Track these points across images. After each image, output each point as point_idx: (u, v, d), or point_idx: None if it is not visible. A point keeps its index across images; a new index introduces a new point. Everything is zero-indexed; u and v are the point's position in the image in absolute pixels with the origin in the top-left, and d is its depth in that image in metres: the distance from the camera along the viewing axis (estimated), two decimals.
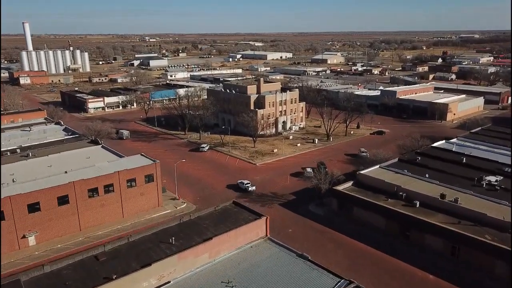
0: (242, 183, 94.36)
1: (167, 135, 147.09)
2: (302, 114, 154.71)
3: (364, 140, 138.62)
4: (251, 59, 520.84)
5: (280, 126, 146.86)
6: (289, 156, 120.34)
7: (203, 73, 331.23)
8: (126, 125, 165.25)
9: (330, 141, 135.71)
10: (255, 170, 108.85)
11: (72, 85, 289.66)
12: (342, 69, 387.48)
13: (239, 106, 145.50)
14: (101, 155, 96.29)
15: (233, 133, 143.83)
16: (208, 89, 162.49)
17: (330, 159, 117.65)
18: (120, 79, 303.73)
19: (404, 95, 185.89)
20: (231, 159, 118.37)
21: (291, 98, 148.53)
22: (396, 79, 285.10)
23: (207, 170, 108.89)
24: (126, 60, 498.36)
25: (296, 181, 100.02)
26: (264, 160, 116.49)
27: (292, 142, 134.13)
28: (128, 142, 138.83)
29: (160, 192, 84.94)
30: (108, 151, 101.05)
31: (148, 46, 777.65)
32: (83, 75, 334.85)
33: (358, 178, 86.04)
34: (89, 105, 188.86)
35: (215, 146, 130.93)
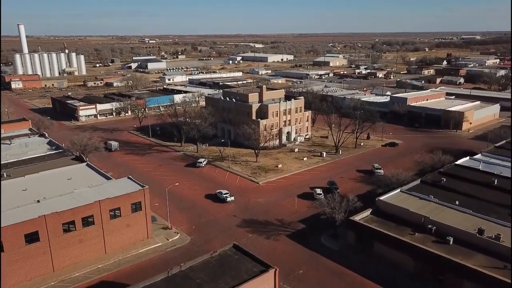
0: (221, 193, 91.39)
1: (161, 147, 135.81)
2: (307, 124, 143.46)
3: (375, 153, 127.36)
4: (252, 62, 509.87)
5: (284, 137, 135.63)
6: (295, 173, 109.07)
7: (202, 76, 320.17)
8: (119, 134, 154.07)
9: (339, 155, 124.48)
10: (257, 190, 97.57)
11: (66, 90, 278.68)
12: (345, 72, 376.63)
13: (240, 116, 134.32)
14: (84, 176, 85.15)
15: (233, 144, 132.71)
16: (206, 97, 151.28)
17: (340, 176, 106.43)
18: (115, 83, 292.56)
19: (415, 102, 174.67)
20: (231, 177, 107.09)
21: (296, 107, 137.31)
22: (403, 83, 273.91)
23: (205, 190, 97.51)
24: (123, 63, 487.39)
25: (305, 204, 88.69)
26: (267, 178, 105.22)
27: (298, 156, 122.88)
28: (118, 154, 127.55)
29: (149, 222, 73.68)
30: (93, 170, 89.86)
31: (147, 48, 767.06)
32: (78, 79, 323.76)
33: (378, 205, 74.80)
34: (80, 113, 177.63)
35: (214, 160, 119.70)
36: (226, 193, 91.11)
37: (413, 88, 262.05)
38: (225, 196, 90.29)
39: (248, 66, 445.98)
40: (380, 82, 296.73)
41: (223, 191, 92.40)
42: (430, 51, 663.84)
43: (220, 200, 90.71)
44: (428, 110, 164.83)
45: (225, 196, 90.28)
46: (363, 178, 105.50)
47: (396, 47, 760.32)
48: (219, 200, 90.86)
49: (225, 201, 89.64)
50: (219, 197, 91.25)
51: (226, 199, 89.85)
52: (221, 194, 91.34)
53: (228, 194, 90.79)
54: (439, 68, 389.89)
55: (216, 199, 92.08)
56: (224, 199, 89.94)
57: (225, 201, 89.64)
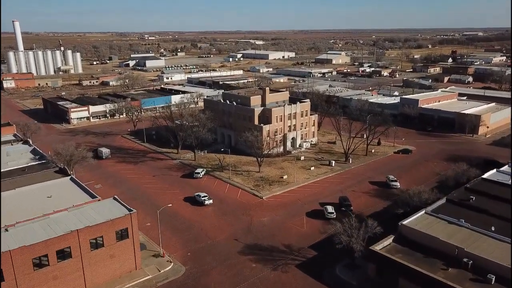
0: (199, 195, 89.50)
1: (156, 154, 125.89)
2: (314, 129, 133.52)
3: (388, 162, 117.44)
4: (252, 59, 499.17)
5: (289, 144, 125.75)
6: (302, 185, 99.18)
7: (202, 75, 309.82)
8: (112, 139, 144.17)
9: (349, 163, 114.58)
10: (261, 207, 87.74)
11: (60, 89, 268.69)
12: (348, 70, 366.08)
13: (241, 121, 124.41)
14: (67, 193, 75.46)
15: (234, 151, 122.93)
16: (205, 99, 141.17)
17: (352, 189, 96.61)
18: (112, 82, 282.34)
19: (426, 104, 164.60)
20: (231, 190, 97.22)
21: (301, 110, 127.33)
22: (410, 82, 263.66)
23: (203, 207, 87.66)
24: (121, 60, 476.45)
25: (315, 225, 78.89)
26: (272, 191, 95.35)
27: (305, 165, 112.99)
28: (109, 163, 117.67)
29: (137, 250, 63.89)
30: (77, 185, 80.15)
31: (147, 45, 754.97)
32: (73, 78, 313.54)
33: (401, 231, 64.98)
34: (71, 115, 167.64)
35: (213, 170, 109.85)
36: (205, 196, 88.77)
37: (420, 87, 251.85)
38: (203, 199, 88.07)
39: (248, 64, 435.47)
40: (385, 81, 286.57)
41: (201, 193, 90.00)
42: (433, 48, 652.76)
43: (198, 203, 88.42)
44: (441, 113, 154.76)
45: (203, 199, 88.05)
46: (377, 192, 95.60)
47: (399, 44, 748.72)
48: (198, 203, 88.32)
49: (203, 204, 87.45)
50: (197, 200, 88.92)
51: (204, 202, 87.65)
52: (199, 197, 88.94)
53: (206, 197, 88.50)
54: (445, 66, 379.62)
55: (216, 219, 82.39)
56: (202, 202, 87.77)
57: (203, 204, 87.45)
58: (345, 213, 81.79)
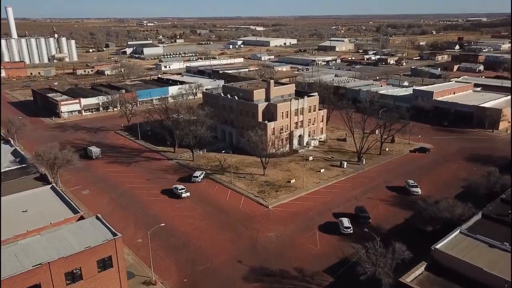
0: (177, 188, 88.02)
1: (152, 154, 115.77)
2: (322, 125, 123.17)
3: (405, 162, 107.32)
4: (253, 46, 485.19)
5: (295, 142, 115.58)
6: (312, 192, 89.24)
7: (201, 63, 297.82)
8: (104, 136, 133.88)
9: (362, 164, 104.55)
10: (267, 218, 77.93)
11: (53, 79, 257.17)
12: (353, 58, 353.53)
13: (244, 117, 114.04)
14: (45, 207, 65.68)
15: (236, 150, 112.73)
16: (204, 93, 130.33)
17: (368, 196, 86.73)
18: (107, 71, 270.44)
19: (441, 96, 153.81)
20: (233, 197, 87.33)
21: (309, 105, 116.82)
22: (418, 71, 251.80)
23: (201, 219, 77.89)
24: (118, 48, 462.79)
25: (330, 242, 69.21)
26: (279, 199, 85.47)
27: (314, 166, 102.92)
28: (99, 164, 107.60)
29: (124, 281, 54.22)
30: (58, 196, 70.35)
31: (145, 31, 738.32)
32: (67, 67, 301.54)
33: (434, 256, 55.24)
34: (61, 108, 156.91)
35: (213, 172, 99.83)
36: (182, 189, 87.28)
37: (430, 76, 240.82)
38: (180, 192, 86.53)
39: (249, 51, 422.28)
40: (392, 69, 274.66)
41: (178, 186, 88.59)
42: (438, 35, 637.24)
43: (176, 195, 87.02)
44: (458, 106, 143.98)
45: (180, 192, 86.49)
46: (396, 199, 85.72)
47: (402, 30, 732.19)
48: (175, 195, 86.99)
49: (180, 196, 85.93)
50: (174, 193, 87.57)
51: (181, 194, 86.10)
52: (177, 189, 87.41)
53: (183, 190, 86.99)
54: (453, 53, 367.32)
55: (216, 233, 72.66)
56: (180, 195, 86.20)
57: (180, 196, 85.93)
58: (363, 226, 72.26)
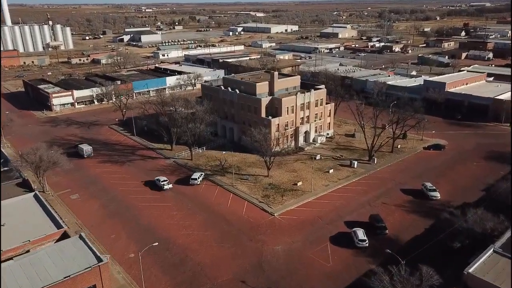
0: (159, 180, 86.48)
1: (147, 151, 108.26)
2: (330, 119, 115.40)
3: (418, 161, 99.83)
4: (254, 33, 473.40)
5: (301, 138, 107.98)
6: (321, 196, 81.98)
7: (200, 52, 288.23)
8: (97, 131, 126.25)
9: (373, 164, 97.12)
10: (273, 228, 70.82)
11: (47, 68, 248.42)
12: (357, 45, 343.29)
13: (246, 112, 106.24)
14: (25, 220, 58.60)
15: (237, 148, 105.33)
16: (203, 86, 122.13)
17: (382, 201, 79.50)
18: (103, 60, 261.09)
19: (453, 87, 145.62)
20: (235, 202, 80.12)
21: (316, 99, 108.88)
22: (426, 59, 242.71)
23: (200, 229, 70.77)
24: (116, 35, 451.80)
25: (344, 257, 62.12)
26: (285, 205, 78.23)
27: (321, 165, 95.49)
28: (91, 163, 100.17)
29: None
30: (41, 206, 63.33)
31: (143, 18, 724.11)
32: (62, 55, 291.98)
33: (467, 282, 48.21)
34: (53, 101, 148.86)
35: (213, 174, 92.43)
36: (164, 181, 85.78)
37: (438, 65, 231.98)
38: (162, 184, 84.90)
39: (250, 38, 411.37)
40: (397, 57, 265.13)
41: (161, 178, 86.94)
42: (442, 20, 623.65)
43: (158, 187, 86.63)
44: (473, 98, 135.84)
45: (163, 184, 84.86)
46: (413, 204, 78.46)
47: (405, 15, 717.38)
48: (157, 187, 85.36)
49: (162, 188, 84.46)
50: (157, 185, 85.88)
51: (163, 187, 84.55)
52: (159, 181, 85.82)
53: (166, 182, 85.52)
54: (460, 39, 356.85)
55: (217, 247, 65.62)
56: (162, 186, 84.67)
57: (162, 188, 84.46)
58: (379, 238, 65.30)
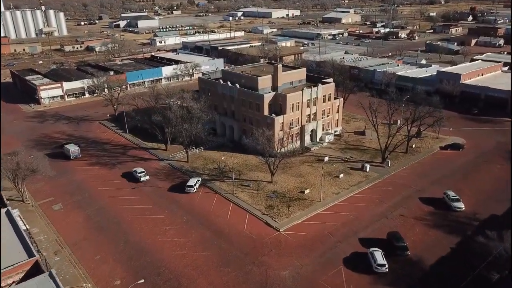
0: (136, 171, 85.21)
1: (140, 152, 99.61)
2: (338, 116, 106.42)
3: (437, 163, 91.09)
4: (254, 18, 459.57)
5: (307, 138, 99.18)
6: (331, 206, 73.59)
7: (198, 38, 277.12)
8: (87, 127, 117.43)
9: (387, 167, 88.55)
10: (279, 247, 62.55)
11: (39, 56, 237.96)
12: (361, 31, 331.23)
13: (247, 109, 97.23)
14: None
15: (237, 148, 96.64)
16: (200, 79, 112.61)
17: (401, 214, 71.14)
18: (98, 47, 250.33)
19: (469, 79, 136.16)
20: (236, 214, 71.81)
21: (323, 94, 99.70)
22: (434, 46, 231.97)
23: (196, 248, 62.47)
24: (112, 20, 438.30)
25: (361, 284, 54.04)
26: (291, 218, 69.85)
27: (330, 169, 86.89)
28: (78, 166, 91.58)
29: None
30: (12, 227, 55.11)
31: (140, 2, 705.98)
32: (55, 42, 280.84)
33: None
34: (41, 94, 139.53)
35: (211, 179, 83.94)
36: (141, 172, 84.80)
37: (448, 52, 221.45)
38: (139, 176, 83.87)
39: (250, 24, 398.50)
40: (404, 44, 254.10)
41: (138, 169, 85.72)
42: (447, 4, 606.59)
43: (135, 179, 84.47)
44: (490, 91, 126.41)
45: (140, 176, 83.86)
46: (435, 217, 70.09)
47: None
48: (135, 179, 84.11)
49: (139, 180, 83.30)
50: (134, 176, 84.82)
51: (140, 178, 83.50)
52: (136, 173, 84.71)
53: (143, 173, 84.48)
54: (467, 24, 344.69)
55: (215, 271, 57.44)
56: (139, 178, 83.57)
57: (139, 180, 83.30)
58: (400, 260, 57.23)
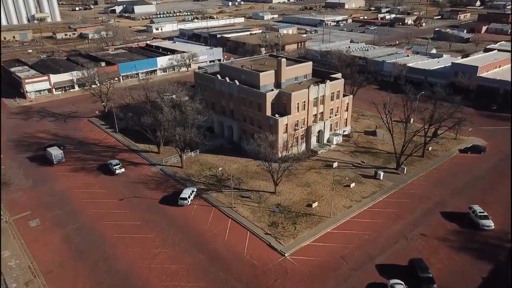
0: (111, 164, 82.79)
1: (130, 155, 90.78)
2: (347, 114, 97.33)
3: (457, 170, 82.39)
4: (254, 3, 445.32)
5: (313, 139, 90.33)
6: (342, 223, 65.18)
7: (196, 25, 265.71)
8: (75, 125, 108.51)
9: (403, 174, 79.97)
10: (284, 276, 54.25)
11: (29, 44, 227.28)
12: (365, 17, 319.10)
13: (247, 108, 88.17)
14: None
15: (237, 151, 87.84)
16: (196, 73, 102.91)
17: (421, 233, 62.77)
18: (91, 35, 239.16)
19: (486, 72, 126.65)
20: (235, 232, 63.38)
21: (332, 92, 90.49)
22: (443, 34, 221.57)
23: (188, 278, 54.14)
24: (108, 5, 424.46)
25: None
26: (298, 239, 61.35)
27: (340, 177, 78.20)
28: (60, 172, 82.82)
29: None
30: None
31: None
32: (47, 29, 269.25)
33: None
34: (26, 87, 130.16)
35: (208, 189, 75.44)
36: (117, 164, 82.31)
37: (458, 40, 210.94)
38: (114, 168, 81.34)
39: (250, 9, 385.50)
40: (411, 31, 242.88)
41: (113, 161, 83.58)
42: None
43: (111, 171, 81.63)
44: (510, 85, 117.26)
45: (115, 168, 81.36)
46: (461, 237, 61.67)
47: None
48: (110, 172, 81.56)
49: (114, 173, 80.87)
50: (109, 169, 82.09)
51: (116, 171, 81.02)
52: (111, 165, 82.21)
53: (118, 166, 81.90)
54: (476, 10, 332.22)
55: None
56: (114, 171, 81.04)
57: (114, 173, 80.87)
58: None
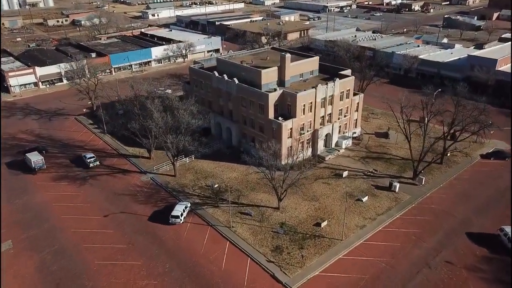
0: (85, 156, 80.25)
1: (119, 160, 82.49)
2: (357, 115, 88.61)
3: (480, 179, 74.16)
4: None
5: (320, 143, 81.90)
6: (355, 247, 57.22)
7: (194, 11, 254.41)
8: (60, 125, 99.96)
9: (421, 185, 71.79)
10: None
11: (18, 32, 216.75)
12: (370, 2, 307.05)
13: (247, 110, 79.50)
14: None
15: (236, 156, 79.41)
16: (191, 69, 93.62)
17: (446, 260, 54.84)
18: (84, 21, 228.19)
19: (504, 65, 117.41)
20: (233, 259, 55.48)
21: (341, 91, 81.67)
22: (453, 21, 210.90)
23: None
24: None
25: None
26: (305, 269, 53.45)
27: (350, 188, 70.10)
28: (40, 182, 74.59)
29: None
30: None
31: None
32: (39, 15, 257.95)
33: None
34: (10, 81, 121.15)
35: (203, 203, 67.28)
36: (91, 157, 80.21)
37: (469, 28, 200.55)
38: (88, 162, 79.21)
39: None
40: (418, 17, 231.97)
41: (87, 154, 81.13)
42: None
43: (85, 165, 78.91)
44: None
45: (89, 162, 79.22)
46: (492, 265, 53.79)
47: None
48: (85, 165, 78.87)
49: (88, 167, 78.62)
50: (84, 162, 79.68)
51: (90, 164, 78.95)
52: (86, 158, 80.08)
53: (93, 159, 79.93)
54: None
55: None
56: (88, 164, 78.94)
57: (88, 167, 78.62)
58: None
